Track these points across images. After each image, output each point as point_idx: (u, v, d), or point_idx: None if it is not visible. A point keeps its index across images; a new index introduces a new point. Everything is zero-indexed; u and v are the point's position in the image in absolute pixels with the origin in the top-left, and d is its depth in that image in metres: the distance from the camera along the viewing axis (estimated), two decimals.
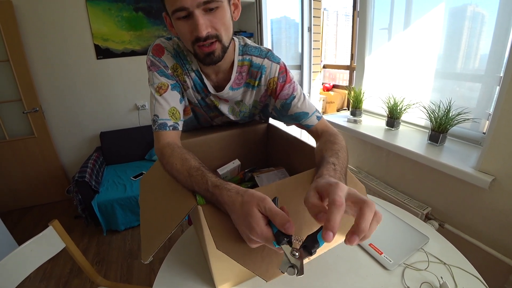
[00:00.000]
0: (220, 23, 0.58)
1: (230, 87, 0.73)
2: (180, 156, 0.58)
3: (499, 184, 0.98)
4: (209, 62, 0.63)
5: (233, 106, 0.81)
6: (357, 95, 1.67)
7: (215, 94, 0.74)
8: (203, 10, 0.55)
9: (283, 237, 0.39)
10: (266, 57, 0.73)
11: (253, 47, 0.74)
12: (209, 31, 0.58)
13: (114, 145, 2.51)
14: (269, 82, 0.74)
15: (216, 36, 0.59)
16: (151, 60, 0.69)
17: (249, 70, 0.74)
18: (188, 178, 0.52)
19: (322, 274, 0.65)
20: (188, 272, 0.68)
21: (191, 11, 0.54)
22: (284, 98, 0.74)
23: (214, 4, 0.55)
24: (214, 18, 0.57)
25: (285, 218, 0.40)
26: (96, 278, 1.03)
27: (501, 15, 1.07)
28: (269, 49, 0.76)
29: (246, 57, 0.73)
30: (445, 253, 0.71)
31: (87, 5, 2.26)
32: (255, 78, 0.74)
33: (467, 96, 1.27)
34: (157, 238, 0.49)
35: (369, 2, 1.60)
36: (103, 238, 2.02)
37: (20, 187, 2.43)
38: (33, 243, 0.86)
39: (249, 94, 0.77)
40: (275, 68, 0.73)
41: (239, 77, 0.74)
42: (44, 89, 2.35)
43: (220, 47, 0.62)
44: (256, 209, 0.42)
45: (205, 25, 0.56)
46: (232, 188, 0.46)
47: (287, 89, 0.74)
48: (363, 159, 1.63)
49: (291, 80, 0.75)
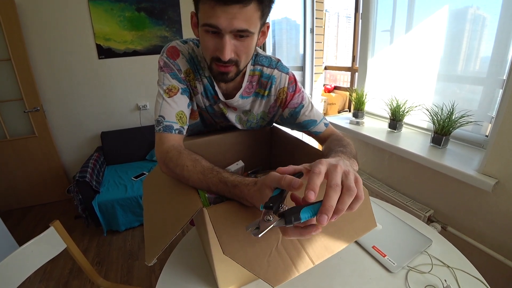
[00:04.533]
0: (244, 51, 0.59)
1: (240, 95, 0.74)
2: (190, 157, 0.58)
3: (503, 187, 0.98)
4: (220, 80, 0.65)
5: (241, 115, 0.81)
6: (360, 97, 1.67)
7: (225, 102, 0.75)
8: (234, 35, 0.56)
9: (272, 203, 0.39)
10: (276, 67, 0.74)
11: (264, 57, 0.75)
12: (231, 57, 0.58)
13: (115, 145, 2.51)
14: (279, 92, 0.76)
15: (236, 61, 0.60)
16: (165, 61, 0.68)
17: (259, 80, 0.75)
18: (203, 178, 0.53)
19: (326, 276, 0.65)
20: (191, 274, 0.68)
21: (223, 33, 0.54)
22: (293, 107, 0.76)
23: (246, 34, 0.56)
24: (241, 46, 0.58)
25: (291, 178, 0.40)
26: (97, 279, 1.03)
27: (503, 18, 1.06)
28: (278, 59, 0.77)
29: (257, 67, 0.74)
30: (448, 256, 0.71)
31: (89, 4, 2.26)
32: (265, 88, 0.75)
33: (469, 99, 1.26)
34: (161, 240, 0.48)
35: (372, 4, 1.60)
36: (103, 239, 2.02)
37: (21, 187, 2.42)
38: (34, 243, 0.85)
39: (258, 103, 0.78)
40: (284, 79, 0.75)
41: (249, 86, 0.75)
42: (45, 89, 2.35)
43: (235, 70, 0.63)
44: (268, 189, 0.43)
45: (230, 51, 0.57)
46: (249, 182, 0.48)
47: (297, 99, 0.76)
48: (365, 161, 1.63)
49: (300, 90, 0.77)
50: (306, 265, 0.47)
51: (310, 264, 0.47)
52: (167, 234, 0.48)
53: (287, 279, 0.45)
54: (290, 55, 2.68)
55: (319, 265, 0.65)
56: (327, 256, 0.48)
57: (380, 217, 0.86)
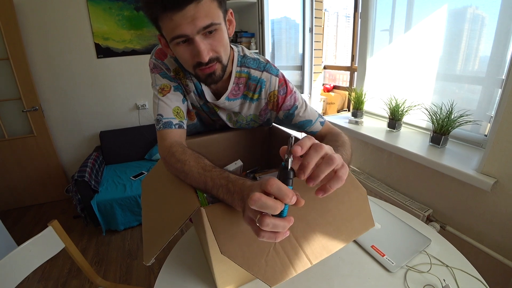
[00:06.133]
0: (219, 45, 0.59)
1: (226, 97, 0.73)
2: (193, 155, 0.58)
3: (502, 187, 0.98)
4: (210, 82, 0.64)
5: (231, 114, 0.81)
6: (359, 96, 1.67)
7: (213, 103, 0.75)
8: (203, 35, 0.55)
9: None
10: (264, 69, 0.73)
11: (251, 59, 0.74)
12: (210, 55, 0.58)
13: (114, 144, 2.50)
14: (269, 95, 0.75)
15: (217, 58, 0.60)
16: (154, 62, 0.70)
17: (246, 82, 0.74)
18: (203, 173, 0.53)
19: (324, 276, 0.65)
20: (189, 273, 0.67)
21: (191, 37, 0.54)
22: (287, 109, 0.76)
23: (213, 27, 0.55)
24: (214, 41, 0.57)
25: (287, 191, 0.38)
26: (96, 278, 1.03)
27: (502, 17, 1.07)
28: (267, 60, 0.76)
29: (244, 69, 0.73)
30: (447, 255, 0.71)
31: (88, 3, 2.25)
32: (254, 91, 0.75)
33: (467, 98, 1.27)
34: (159, 239, 0.48)
35: (371, 4, 1.60)
36: (102, 238, 2.02)
37: (19, 186, 2.42)
38: (32, 243, 0.85)
39: (247, 106, 0.77)
40: (274, 81, 0.74)
41: (236, 88, 0.74)
42: (44, 88, 2.34)
43: (220, 67, 0.62)
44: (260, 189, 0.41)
45: (207, 50, 0.57)
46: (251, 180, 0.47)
47: (289, 100, 0.75)
48: (364, 160, 1.63)
49: (292, 91, 0.76)
50: (304, 265, 0.46)
51: (308, 264, 0.47)
52: (165, 234, 0.48)
53: (285, 278, 0.44)
54: (289, 55, 2.68)
55: (318, 265, 0.65)
56: (325, 256, 0.48)
57: (379, 216, 0.86)
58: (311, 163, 0.38)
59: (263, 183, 0.38)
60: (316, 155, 0.39)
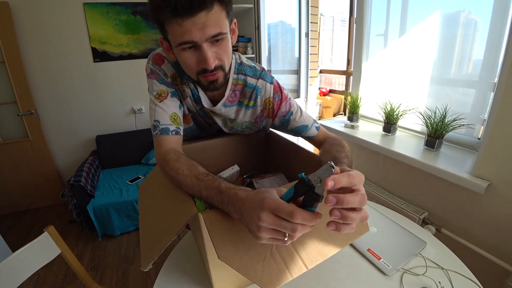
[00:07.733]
0: (224, 53, 0.60)
1: (223, 104, 0.74)
2: (187, 163, 0.58)
3: (495, 189, 0.99)
4: (212, 89, 0.65)
5: (226, 120, 0.82)
6: (354, 101, 1.68)
7: (209, 109, 0.75)
8: (210, 42, 0.56)
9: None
10: (260, 77, 0.75)
11: (248, 66, 0.75)
12: (216, 63, 0.59)
13: (110, 148, 2.49)
14: (265, 102, 0.76)
15: (221, 66, 0.61)
16: (151, 68, 0.70)
17: (242, 90, 0.75)
18: (196, 182, 0.53)
19: (321, 280, 0.65)
20: (187, 279, 0.67)
21: (199, 44, 0.55)
22: (282, 115, 0.77)
23: (221, 36, 0.56)
24: (220, 49, 0.59)
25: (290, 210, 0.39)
26: (91, 284, 1.02)
27: (494, 22, 1.09)
28: (263, 68, 0.77)
29: (241, 76, 0.74)
30: (442, 258, 0.71)
31: (85, 7, 2.26)
32: (249, 98, 0.76)
33: (461, 102, 1.29)
34: (157, 245, 0.48)
35: (366, 9, 1.62)
36: (98, 243, 2.00)
37: (14, 191, 2.39)
38: (28, 249, 0.84)
39: (243, 113, 0.78)
40: (269, 88, 0.75)
41: (232, 95, 0.75)
42: (39, 92, 2.32)
43: (222, 75, 0.63)
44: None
45: (213, 58, 0.58)
46: (246, 188, 0.47)
47: (284, 107, 0.77)
48: (360, 164, 1.64)
49: (287, 97, 0.77)
50: (299, 269, 0.47)
51: (304, 269, 0.47)
52: (163, 239, 0.48)
53: (282, 283, 0.45)
54: (285, 59, 2.70)
55: (315, 268, 0.65)
56: (320, 260, 0.49)
57: (375, 220, 0.87)
58: (345, 205, 0.38)
59: (280, 210, 0.38)
60: (352, 201, 0.38)
